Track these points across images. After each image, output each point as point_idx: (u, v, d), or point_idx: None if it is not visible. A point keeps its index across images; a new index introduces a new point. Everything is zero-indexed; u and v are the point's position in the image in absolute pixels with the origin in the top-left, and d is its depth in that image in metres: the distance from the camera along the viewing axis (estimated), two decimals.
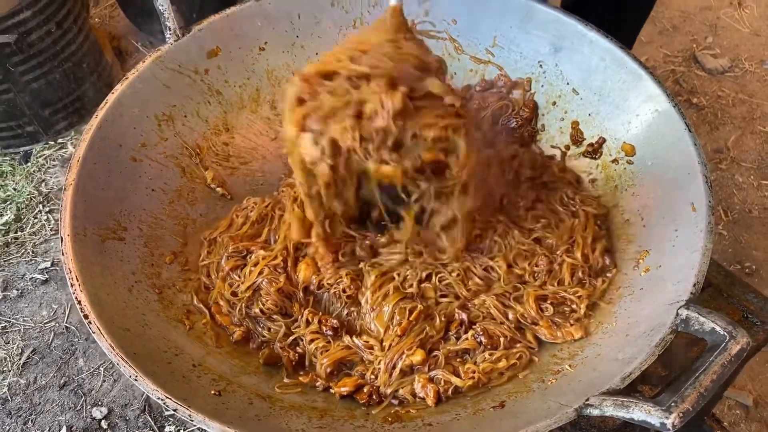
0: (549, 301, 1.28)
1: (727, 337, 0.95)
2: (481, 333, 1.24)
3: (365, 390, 1.19)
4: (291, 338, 1.27)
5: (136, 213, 1.32)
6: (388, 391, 1.19)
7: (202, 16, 1.53)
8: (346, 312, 1.31)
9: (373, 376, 1.21)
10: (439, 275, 1.32)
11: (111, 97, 1.36)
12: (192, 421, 0.95)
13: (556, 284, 1.32)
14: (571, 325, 1.24)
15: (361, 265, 1.33)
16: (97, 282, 1.14)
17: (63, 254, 1.13)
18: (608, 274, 1.32)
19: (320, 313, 1.29)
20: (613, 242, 1.38)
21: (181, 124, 1.47)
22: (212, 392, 1.07)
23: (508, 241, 1.37)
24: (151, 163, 1.39)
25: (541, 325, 1.25)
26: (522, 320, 1.28)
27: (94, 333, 1.04)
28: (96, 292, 1.11)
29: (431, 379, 1.19)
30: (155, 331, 1.16)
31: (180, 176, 1.45)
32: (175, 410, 0.95)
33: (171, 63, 1.46)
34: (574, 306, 1.28)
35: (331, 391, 1.20)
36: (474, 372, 1.19)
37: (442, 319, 1.27)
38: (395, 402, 1.19)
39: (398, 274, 1.32)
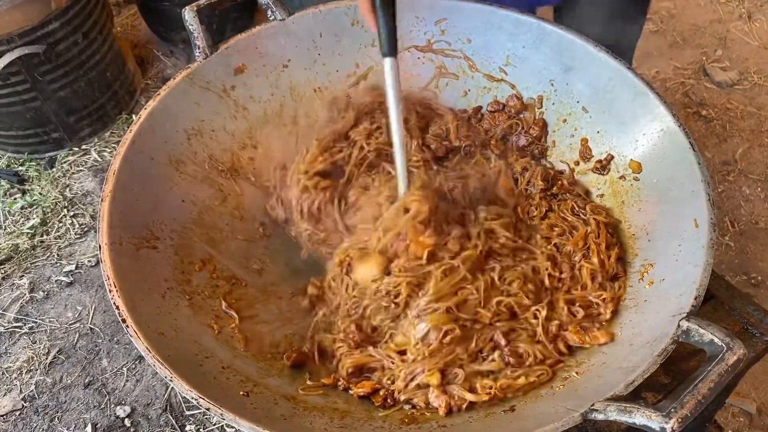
0: (578, 305, 1.33)
1: (725, 348, 1.00)
2: (509, 354, 1.26)
3: (381, 393, 1.25)
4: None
5: (168, 223, 1.39)
6: (402, 398, 1.24)
7: (221, 30, 1.60)
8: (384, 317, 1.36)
9: (389, 381, 1.27)
10: (500, 297, 1.34)
11: (144, 113, 1.43)
12: (223, 419, 1.02)
13: (579, 289, 1.37)
14: (598, 329, 1.28)
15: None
16: (132, 288, 1.20)
17: (101, 261, 1.20)
18: (621, 279, 1.37)
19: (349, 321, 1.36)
20: (624, 252, 1.43)
21: (209, 138, 1.54)
22: (241, 393, 1.14)
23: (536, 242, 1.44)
24: (181, 175, 1.46)
25: (570, 330, 1.29)
26: (557, 330, 1.30)
27: (131, 336, 1.11)
28: (132, 297, 1.18)
29: (445, 391, 1.23)
30: (187, 335, 1.22)
31: (208, 187, 1.51)
32: (207, 409, 1.02)
33: (200, 80, 1.53)
34: (600, 309, 1.32)
35: (350, 392, 1.27)
36: (491, 388, 1.21)
37: (479, 344, 1.28)
38: (407, 407, 1.25)
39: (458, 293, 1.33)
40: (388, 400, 1.24)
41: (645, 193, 1.43)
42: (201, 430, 2.02)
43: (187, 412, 2.05)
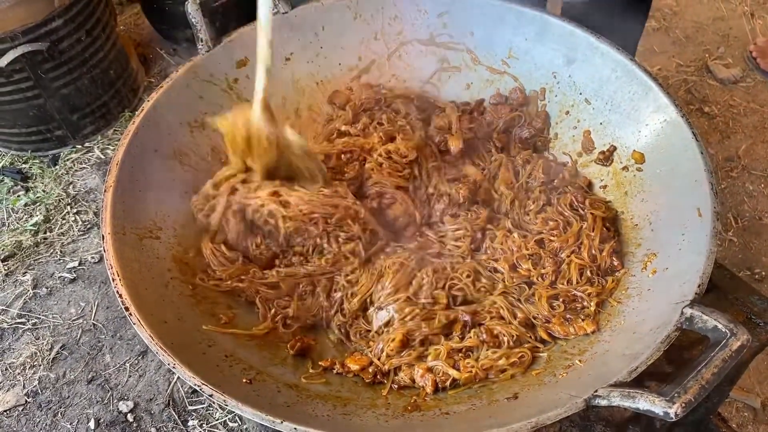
0: (560, 299, 1.34)
1: (728, 334, 1.00)
2: (483, 332, 1.30)
3: (370, 370, 1.28)
4: None
5: (171, 214, 1.39)
6: (386, 368, 1.28)
7: (224, 28, 1.60)
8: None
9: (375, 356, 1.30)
10: (451, 281, 1.39)
11: (147, 105, 1.43)
12: (227, 406, 1.02)
13: (565, 283, 1.38)
14: (583, 320, 1.30)
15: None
16: (136, 278, 1.20)
17: (104, 251, 1.20)
18: (617, 274, 1.37)
19: None
20: (622, 245, 1.44)
21: (211, 130, 1.53)
22: (244, 381, 1.14)
23: (508, 246, 1.44)
24: (184, 167, 1.46)
25: (553, 323, 1.31)
26: (533, 320, 1.34)
27: (134, 324, 1.11)
28: (135, 286, 1.18)
29: (430, 369, 1.26)
30: (190, 324, 1.22)
31: (210, 179, 1.51)
32: (210, 396, 1.02)
33: (203, 73, 1.53)
34: (584, 303, 1.34)
35: (345, 369, 1.29)
36: (472, 367, 1.25)
37: (442, 320, 1.33)
38: (395, 387, 1.27)
39: (413, 282, 1.39)
40: (378, 376, 1.27)
41: (648, 183, 1.43)
42: (204, 425, 2.02)
43: (190, 407, 2.05)
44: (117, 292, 1.15)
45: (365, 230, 1.43)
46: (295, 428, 0.99)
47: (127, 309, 1.12)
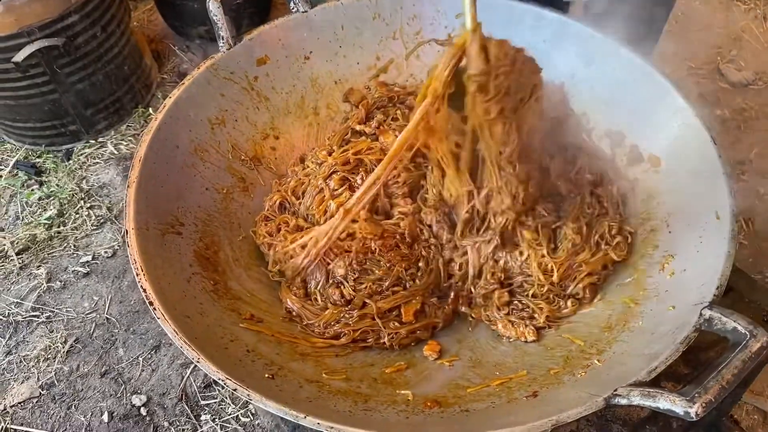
0: (511, 306, 1.40)
1: (748, 336, 1.01)
2: None
3: None
4: None
5: (192, 210, 1.41)
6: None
7: (237, 25, 1.62)
8: None
9: None
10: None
11: (169, 101, 1.44)
12: (250, 400, 1.03)
13: (527, 295, 1.42)
14: (526, 327, 1.36)
15: None
16: (159, 273, 1.22)
17: (128, 246, 1.21)
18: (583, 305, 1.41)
19: None
20: (637, 247, 1.44)
21: (231, 127, 1.56)
22: (266, 375, 1.15)
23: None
24: (205, 163, 1.48)
25: (499, 324, 1.39)
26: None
27: (158, 318, 1.12)
28: (158, 281, 1.19)
29: None
30: (212, 319, 1.23)
31: (231, 176, 1.53)
32: (235, 390, 1.03)
33: (223, 70, 1.55)
34: (535, 315, 1.38)
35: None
36: None
37: None
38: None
39: None
40: None
41: (665, 185, 1.44)
42: (216, 419, 2.03)
43: (203, 402, 2.06)
44: (141, 286, 1.16)
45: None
46: (319, 423, 1.00)
47: (151, 303, 1.14)
